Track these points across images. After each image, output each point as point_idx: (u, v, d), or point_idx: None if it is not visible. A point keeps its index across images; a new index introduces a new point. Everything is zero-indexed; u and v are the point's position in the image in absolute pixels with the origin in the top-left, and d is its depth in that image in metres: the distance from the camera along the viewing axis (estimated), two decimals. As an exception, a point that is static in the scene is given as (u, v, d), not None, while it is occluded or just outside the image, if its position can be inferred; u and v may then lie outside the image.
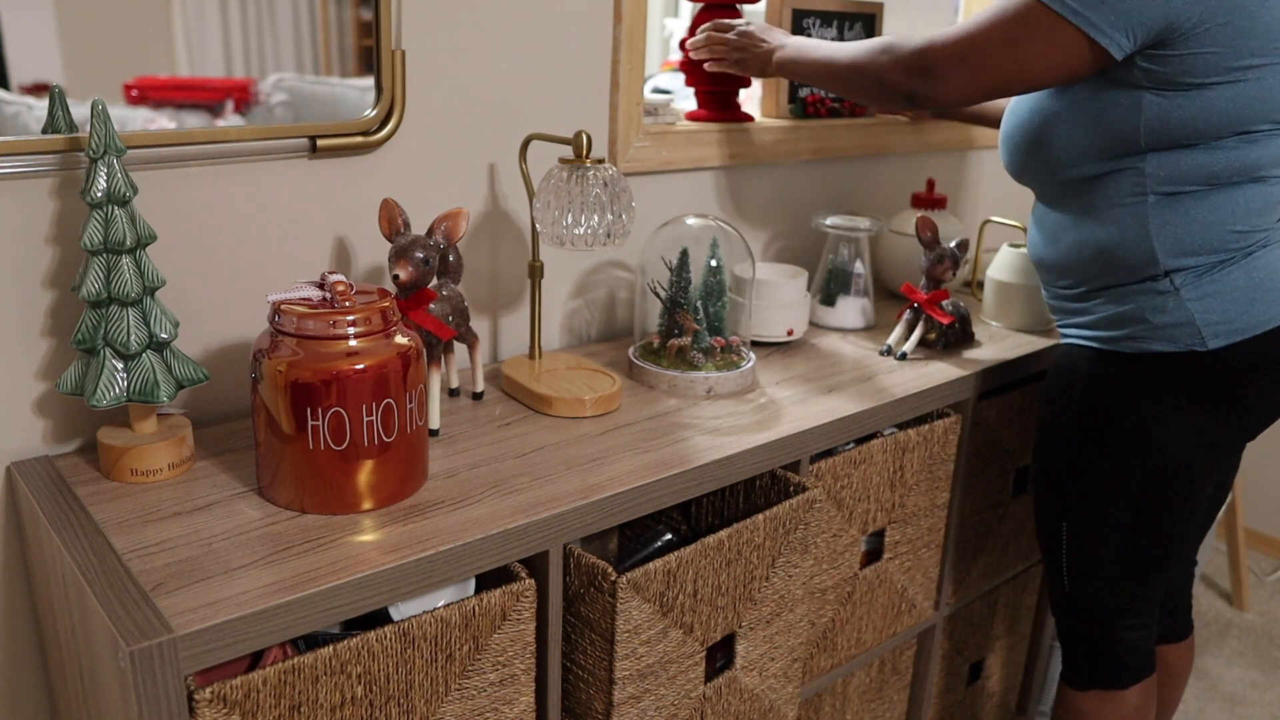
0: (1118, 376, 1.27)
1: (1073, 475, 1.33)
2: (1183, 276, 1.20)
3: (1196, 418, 1.24)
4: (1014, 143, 1.33)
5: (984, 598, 1.72)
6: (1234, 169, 1.17)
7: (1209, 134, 1.15)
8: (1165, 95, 1.14)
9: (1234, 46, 1.10)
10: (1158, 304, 1.21)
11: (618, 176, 1.19)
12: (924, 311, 1.49)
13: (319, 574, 0.86)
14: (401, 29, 1.21)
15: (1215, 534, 2.76)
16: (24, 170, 1.00)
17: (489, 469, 1.08)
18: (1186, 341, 1.20)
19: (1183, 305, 1.20)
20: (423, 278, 1.12)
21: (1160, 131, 1.16)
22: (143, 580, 0.84)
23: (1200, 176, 1.17)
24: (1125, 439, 1.27)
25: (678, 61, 1.72)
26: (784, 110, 1.76)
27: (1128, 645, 1.40)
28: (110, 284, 0.97)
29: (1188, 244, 1.19)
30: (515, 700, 1.02)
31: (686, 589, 1.07)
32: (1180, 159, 1.17)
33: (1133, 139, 1.18)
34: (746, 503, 1.25)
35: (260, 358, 0.94)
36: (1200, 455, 1.27)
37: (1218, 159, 1.16)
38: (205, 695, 0.79)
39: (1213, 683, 2.28)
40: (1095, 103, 1.20)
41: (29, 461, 1.06)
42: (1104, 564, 1.35)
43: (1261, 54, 1.11)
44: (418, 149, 1.28)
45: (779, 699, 1.28)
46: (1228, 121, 1.14)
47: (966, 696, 1.81)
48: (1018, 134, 1.32)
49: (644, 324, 1.42)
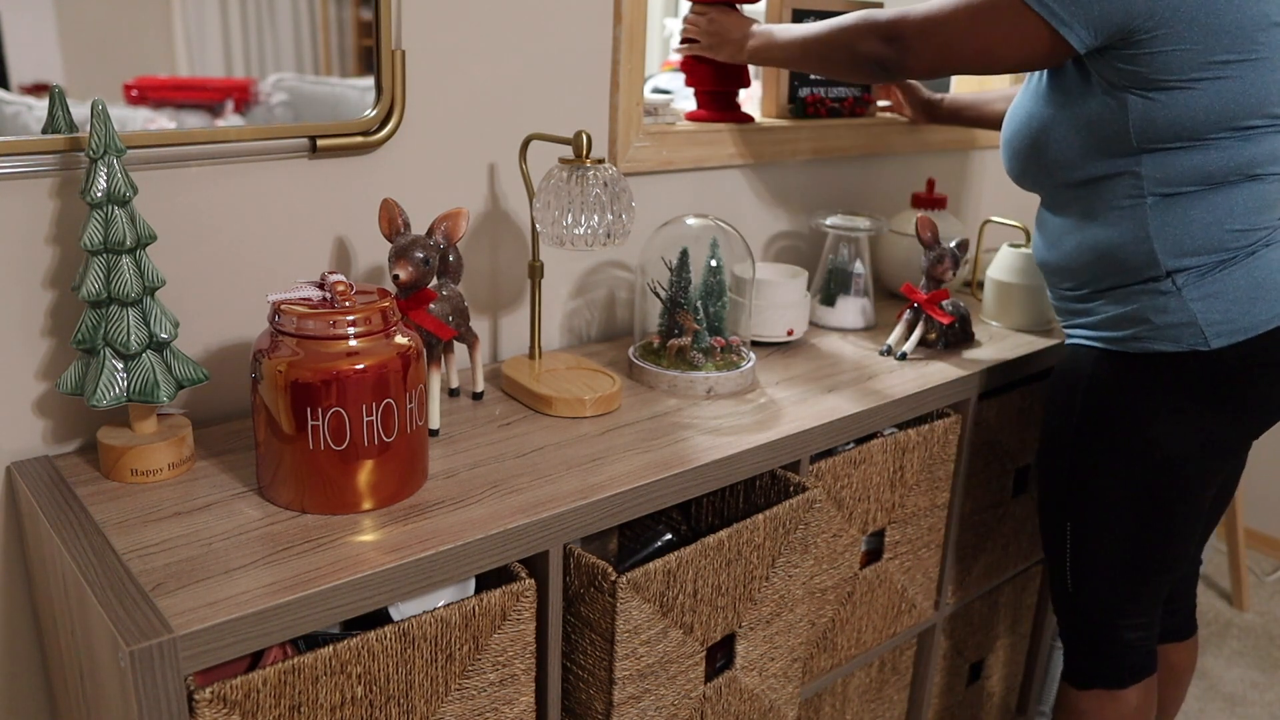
0: (1121, 376, 1.27)
1: (1077, 475, 1.34)
2: (1184, 277, 1.20)
3: (1200, 417, 1.24)
4: (1013, 148, 1.34)
5: (984, 598, 1.72)
6: (1229, 168, 1.17)
7: (1198, 133, 1.15)
8: (1148, 96, 1.15)
9: (1205, 43, 1.11)
10: (1160, 304, 1.22)
11: (618, 176, 1.19)
12: (924, 311, 1.49)
13: (319, 574, 0.86)
14: (401, 29, 1.21)
15: (1215, 534, 2.76)
16: (24, 170, 1.00)
17: (489, 469, 1.08)
18: (1189, 341, 1.21)
19: (1185, 305, 1.20)
20: (423, 278, 1.12)
21: (1148, 131, 1.16)
22: (143, 580, 0.84)
23: (1196, 177, 1.18)
24: (1129, 438, 1.27)
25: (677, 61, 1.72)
26: (784, 110, 1.76)
27: (1129, 645, 1.40)
28: (110, 284, 0.97)
29: (1188, 244, 1.20)
30: (515, 700, 1.02)
31: (686, 589, 1.07)
32: (1175, 160, 1.17)
33: (1124, 140, 1.18)
34: (746, 503, 1.25)
35: (260, 358, 0.94)
36: (1203, 455, 1.27)
37: (1212, 159, 1.17)
38: (205, 695, 0.79)
39: (1213, 683, 2.28)
40: (1085, 106, 1.21)
41: (29, 461, 1.06)
42: (1108, 564, 1.35)
43: (1237, 49, 1.11)
44: (418, 149, 1.28)
45: (779, 699, 1.28)
46: (1215, 119, 1.14)
47: (966, 696, 1.81)
48: (1016, 139, 1.33)
49: (644, 324, 1.42)
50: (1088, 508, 1.34)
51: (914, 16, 1.25)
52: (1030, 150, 1.30)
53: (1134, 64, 1.14)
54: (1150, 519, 1.31)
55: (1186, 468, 1.28)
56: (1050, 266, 1.35)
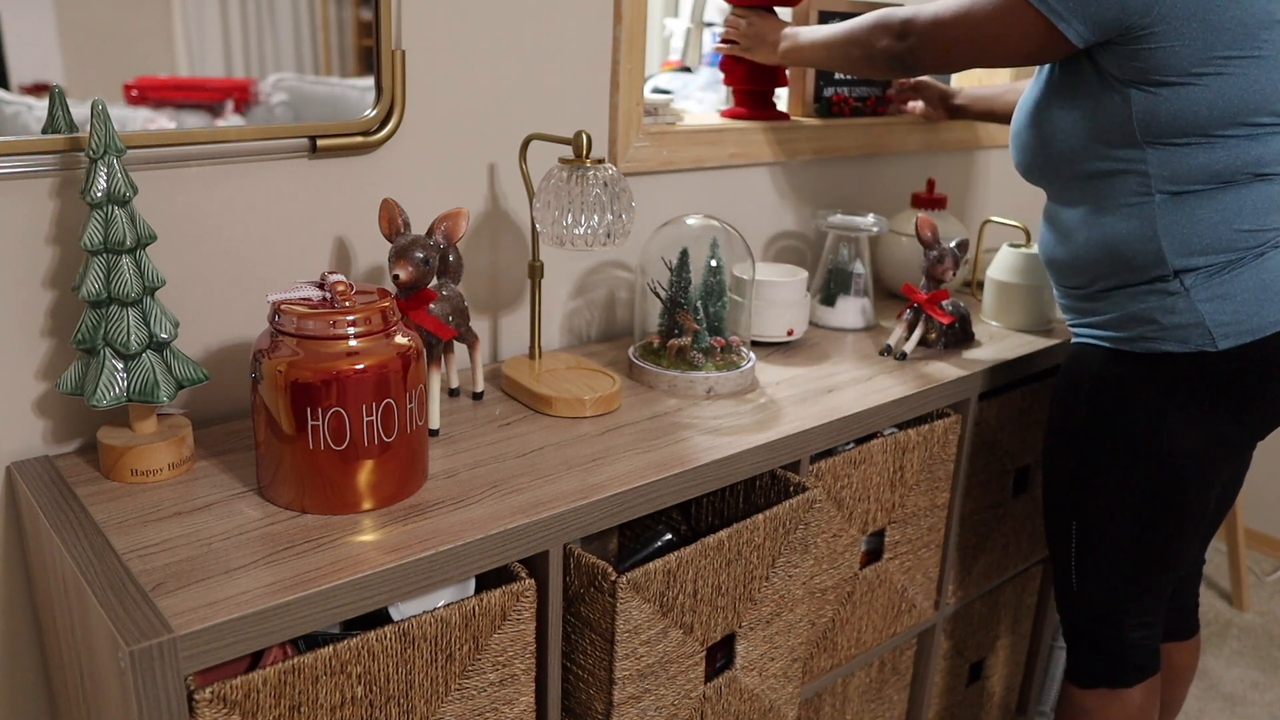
0: (1128, 376, 1.27)
1: (1082, 474, 1.34)
2: (1193, 277, 1.21)
3: (1206, 417, 1.24)
4: (1021, 140, 1.35)
5: (984, 598, 1.72)
6: (1236, 167, 1.17)
7: (1202, 129, 1.16)
8: (1149, 90, 1.16)
9: (1205, 39, 1.11)
10: (1168, 304, 1.22)
11: (618, 176, 1.19)
12: (924, 311, 1.49)
13: (319, 574, 0.86)
14: (401, 29, 1.21)
15: (1215, 534, 2.76)
16: (24, 170, 1.00)
17: (489, 469, 1.08)
18: (1197, 342, 1.21)
19: (1193, 306, 1.20)
20: (423, 278, 1.12)
21: (1152, 125, 1.17)
22: (143, 580, 0.84)
23: (1204, 175, 1.18)
24: (1135, 438, 1.28)
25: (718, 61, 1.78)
26: (810, 109, 1.79)
27: (1133, 644, 1.40)
28: (110, 284, 0.97)
29: (1195, 244, 1.20)
30: (515, 700, 1.02)
31: (686, 589, 1.07)
32: (1182, 156, 1.17)
33: (1128, 133, 1.19)
34: (746, 503, 1.25)
35: (260, 358, 0.94)
36: (1209, 454, 1.28)
37: (1219, 157, 1.17)
38: (205, 695, 0.79)
39: (1213, 683, 2.28)
40: (1090, 98, 1.22)
41: (29, 461, 1.06)
42: (1113, 562, 1.36)
43: (1239, 46, 1.12)
44: (418, 149, 1.28)
45: (779, 699, 1.28)
46: (1218, 115, 1.15)
47: (966, 696, 1.81)
48: (1024, 131, 1.34)
49: (644, 324, 1.42)
50: (1093, 506, 1.34)
51: (924, 14, 1.31)
52: (1037, 142, 1.31)
53: (1135, 59, 1.15)
54: (1156, 518, 1.31)
55: (1192, 467, 1.28)
56: (1058, 263, 1.35)
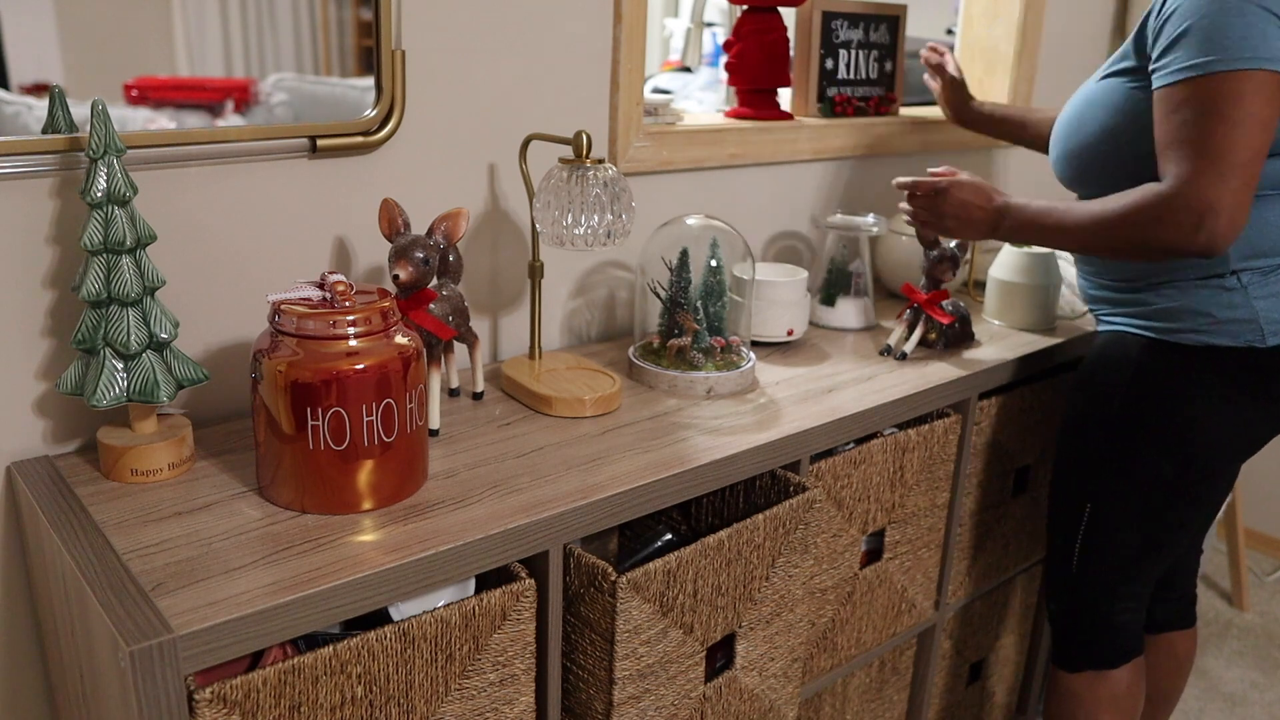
0: (1170, 367, 1.30)
1: (1108, 458, 1.36)
2: (1250, 275, 1.25)
3: (1242, 409, 1.29)
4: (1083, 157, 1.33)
5: (984, 598, 1.72)
6: None
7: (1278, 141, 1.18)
8: None
9: None
10: (1225, 300, 1.26)
11: (618, 176, 1.19)
12: (924, 311, 1.49)
13: (319, 574, 0.86)
14: (401, 29, 1.21)
15: (1215, 534, 2.76)
16: (24, 170, 1.00)
17: (489, 469, 1.08)
18: (1246, 337, 1.25)
19: (1249, 302, 1.25)
20: (423, 278, 1.12)
21: None
22: (143, 580, 0.84)
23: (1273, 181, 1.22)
24: (1171, 426, 1.31)
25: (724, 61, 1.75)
26: (813, 109, 1.80)
27: (1120, 626, 1.43)
28: (110, 284, 0.97)
29: (1260, 245, 1.24)
30: (515, 700, 1.02)
31: (686, 589, 1.07)
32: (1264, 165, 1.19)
33: None
34: (746, 503, 1.25)
35: (260, 358, 0.94)
36: (1237, 446, 1.33)
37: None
38: (205, 695, 0.79)
39: (1213, 683, 2.28)
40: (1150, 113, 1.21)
41: (29, 461, 1.06)
42: (1118, 546, 1.39)
43: None
44: (418, 149, 1.28)
45: (779, 699, 1.28)
46: None
47: (966, 696, 1.80)
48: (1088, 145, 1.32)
49: (644, 324, 1.42)
50: (1112, 490, 1.37)
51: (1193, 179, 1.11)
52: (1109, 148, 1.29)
53: None
54: (1173, 504, 1.35)
55: (1221, 459, 1.33)
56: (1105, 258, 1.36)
